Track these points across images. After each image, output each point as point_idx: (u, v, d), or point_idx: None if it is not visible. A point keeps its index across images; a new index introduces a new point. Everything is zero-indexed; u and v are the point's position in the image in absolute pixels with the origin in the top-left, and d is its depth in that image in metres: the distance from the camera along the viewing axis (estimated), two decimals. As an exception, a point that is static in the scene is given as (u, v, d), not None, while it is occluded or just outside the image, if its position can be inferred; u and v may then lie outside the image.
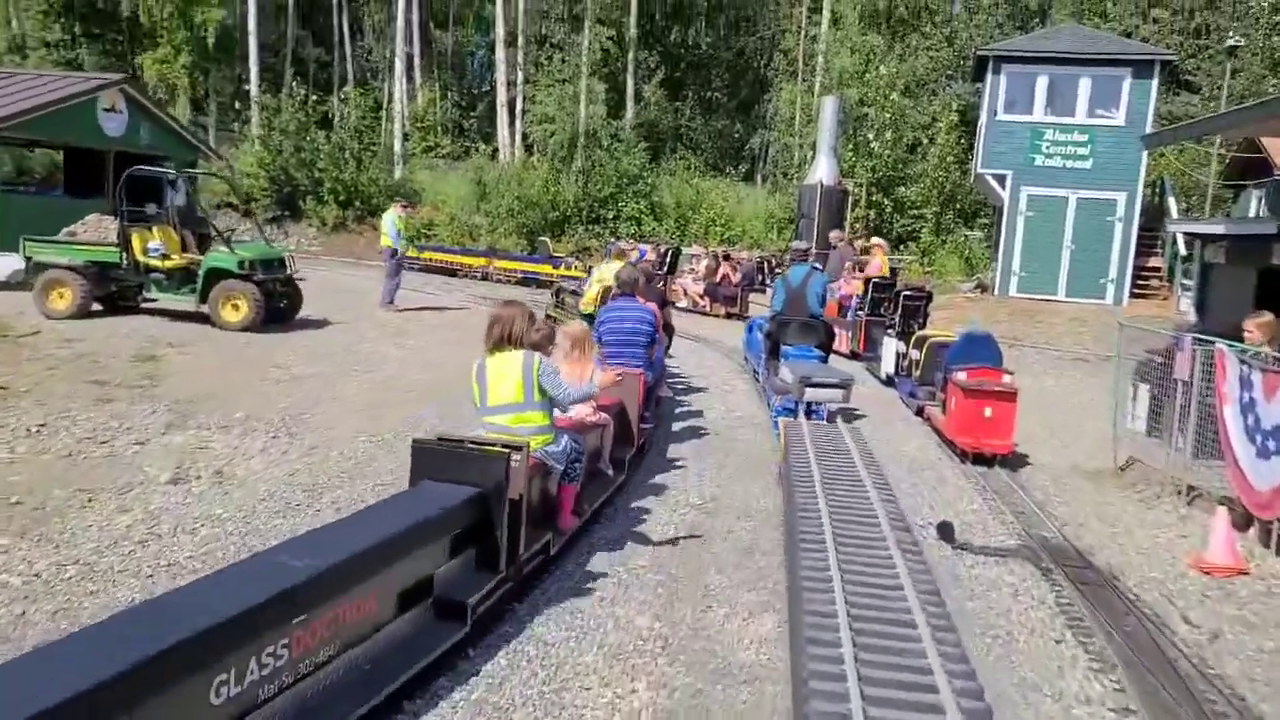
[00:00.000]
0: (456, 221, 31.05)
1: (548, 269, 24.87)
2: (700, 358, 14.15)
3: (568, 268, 24.45)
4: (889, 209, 28.41)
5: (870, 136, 27.94)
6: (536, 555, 5.01)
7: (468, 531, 4.46)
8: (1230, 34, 24.32)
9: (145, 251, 13.03)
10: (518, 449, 4.63)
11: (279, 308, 13.85)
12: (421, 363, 11.74)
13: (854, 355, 15.09)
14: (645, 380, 7.65)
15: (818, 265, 18.56)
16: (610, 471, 6.68)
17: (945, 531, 6.13)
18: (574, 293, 16.08)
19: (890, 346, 12.65)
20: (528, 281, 25.29)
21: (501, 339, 5.10)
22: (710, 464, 7.85)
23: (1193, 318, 13.14)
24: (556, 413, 5.38)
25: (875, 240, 18.50)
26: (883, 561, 4.17)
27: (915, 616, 3.52)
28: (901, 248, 28.15)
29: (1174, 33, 32.71)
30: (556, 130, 31.18)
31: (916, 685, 3.01)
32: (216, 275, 12.81)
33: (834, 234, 19.42)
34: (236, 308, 12.71)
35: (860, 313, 15.13)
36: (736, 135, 39.50)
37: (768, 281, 21.43)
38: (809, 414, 7.98)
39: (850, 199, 24.92)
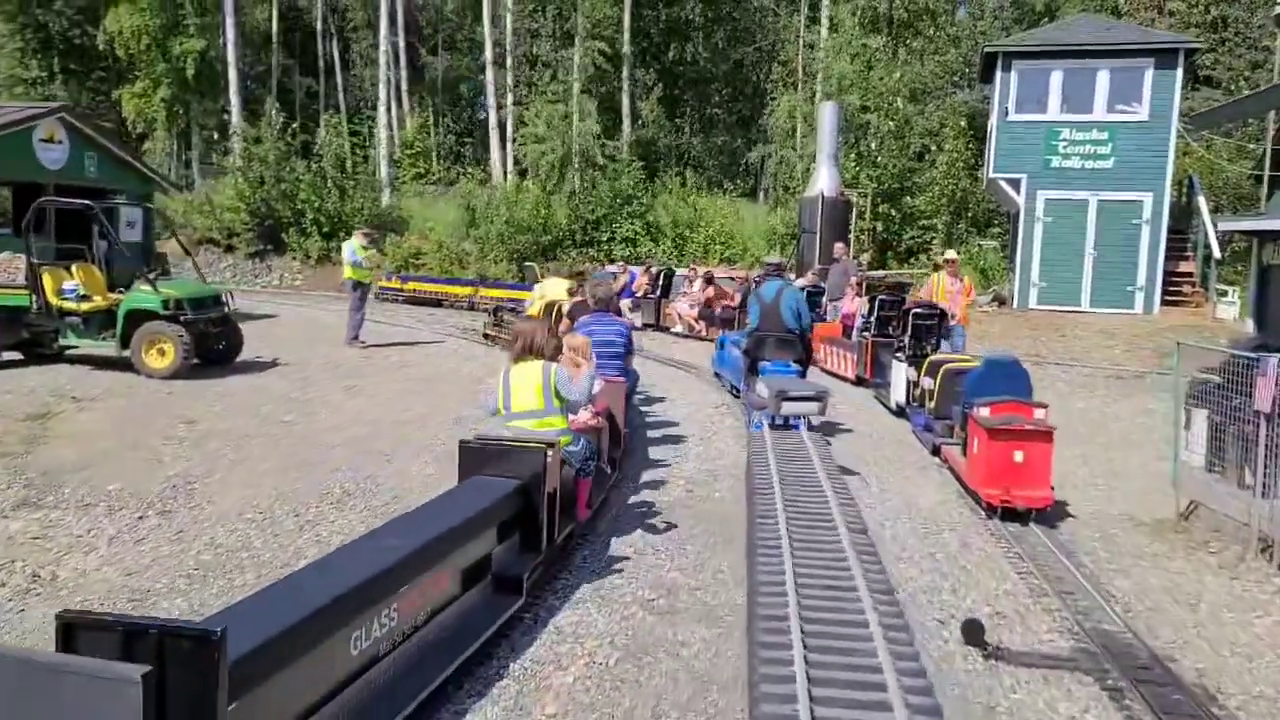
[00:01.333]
0: (445, 249, 29.74)
1: (529, 295, 23.46)
2: (684, 389, 12.64)
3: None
4: (896, 220, 26.90)
5: (874, 145, 26.48)
6: (564, 539, 5.68)
7: (513, 518, 5.06)
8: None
9: (59, 293, 11.65)
10: (550, 445, 5.30)
11: (217, 350, 12.47)
12: (365, 411, 10.29)
13: (860, 381, 13.58)
14: (625, 388, 8.22)
15: (814, 281, 16.96)
16: (608, 469, 7.17)
17: (973, 633, 4.60)
18: (513, 311, 16.46)
19: (900, 372, 11.13)
20: (516, 310, 23.88)
21: (525, 350, 5.73)
22: (673, 538, 6.33)
23: (1248, 328, 11.57)
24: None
25: (950, 254, 15.10)
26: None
27: None
28: (912, 260, 26.62)
29: (1189, 26, 31.17)
30: (546, 151, 29.87)
31: None
32: (139, 317, 11.41)
33: (838, 247, 17.93)
34: (162, 352, 11.31)
35: (865, 334, 13.62)
36: (736, 150, 38.11)
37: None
38: (787, 427, 7.84)
39: (854, 210, 23.44)
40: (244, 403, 10.34)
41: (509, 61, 35.21)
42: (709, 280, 20.22)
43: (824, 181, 21.17)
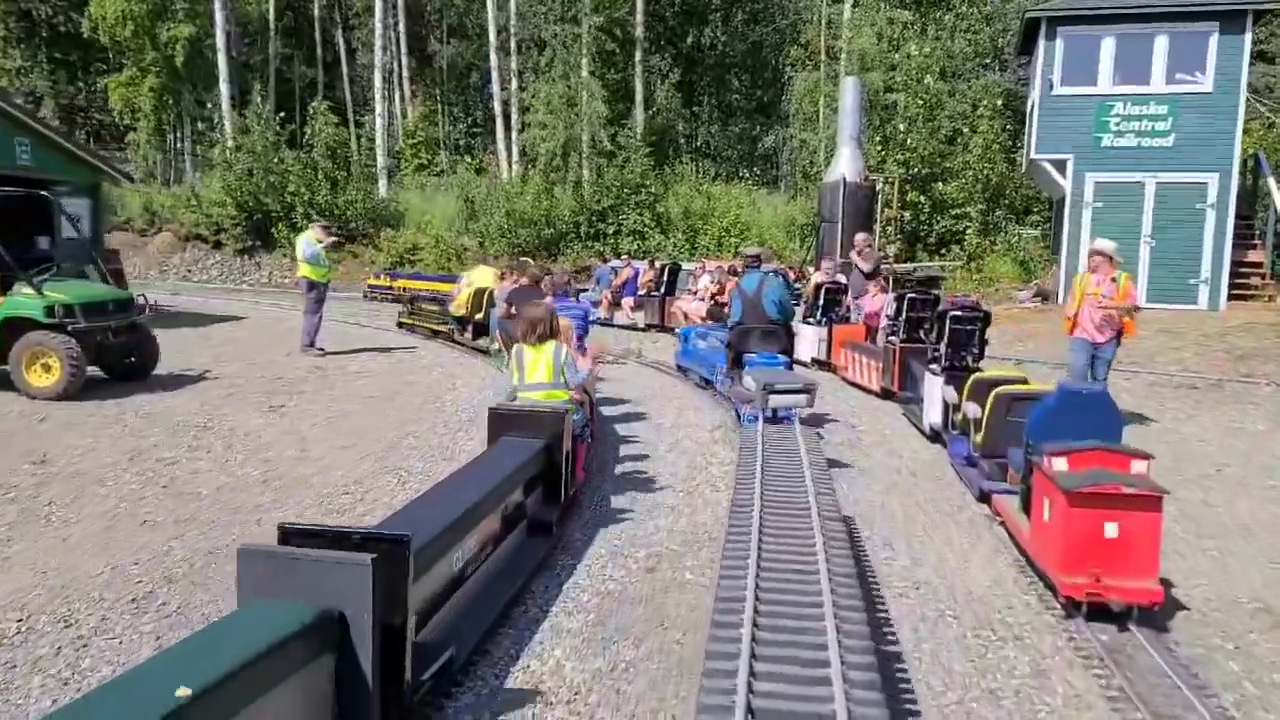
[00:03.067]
0: (443, 244, 27.93)
1: (532, 294, 21.54)
2: (678, 405, 10.63)
3: (554, 292, 21.12)
4: (926, 209, 24.74)
5: (901, 127, 24.31)
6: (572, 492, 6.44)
7: (539, 473, 5.89)
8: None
9: (-73, 299, 9.87)
10: (567, 410, 6.28)
11: (125, 364, 10.64)
12: (273, 444, 8.39)
13: (886, 394, 11.56)
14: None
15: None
16: (589, 440, 7.60)
17: None
18: (433, 300, 17.61)
19: (934, 388, 9.10)
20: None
21: (544, 334, 6.62)
22: (608, 668, 4.34)
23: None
24: None
25: (1101, 244, 9.67)
26: None
27: None
28: (944, 252, 24.45)
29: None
30: (548, 136, 27.93)
31: None
32: (19, 326, 9.60)
33: (859, 237, 15.85)
34: (47, 368, 9.49)
35: (893, 339, 11.58)
36: (755, 137, 35.95)
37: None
38: (777, 420, 7.64)
39: (879, 197, 21.30)
40: (129, 432, 8.49)
41: (513, 45, 33.31)
42: (734, 273, 18.20)
43: (846, 165, 19.12)
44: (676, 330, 15.17)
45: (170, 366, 12.04)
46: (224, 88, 31.66)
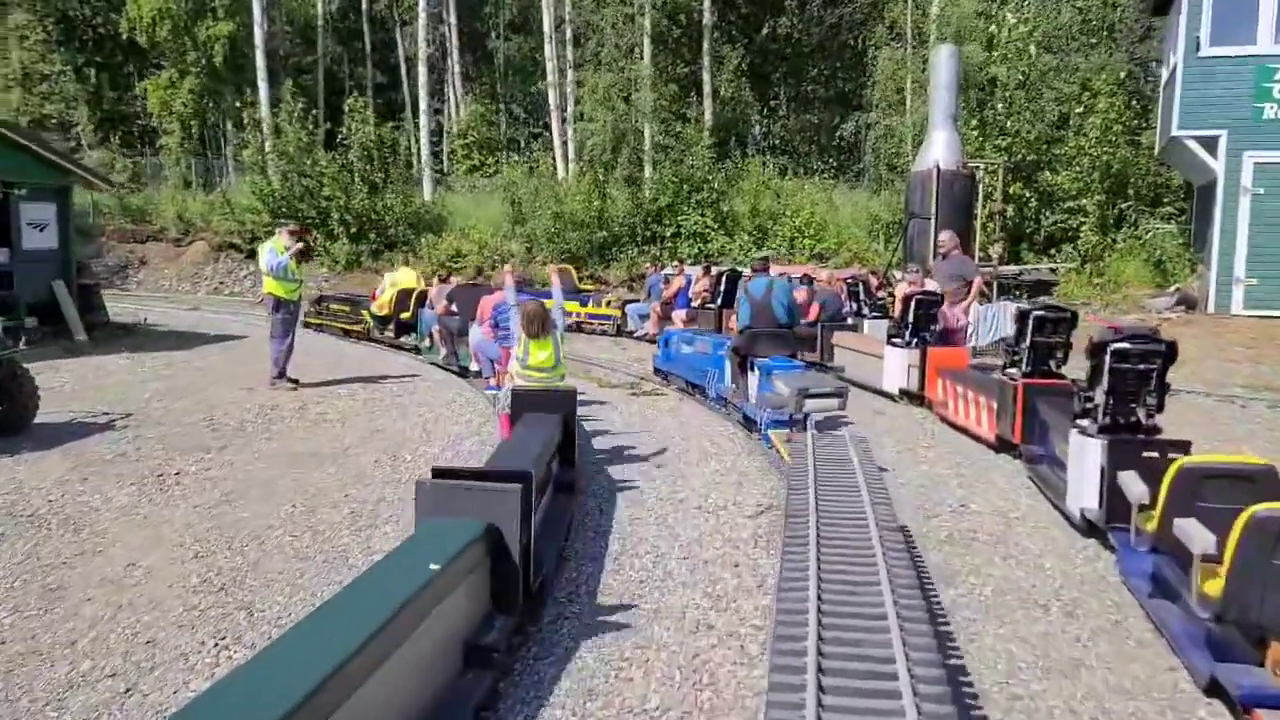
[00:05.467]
0: (487, 250, 25.45)
1: (574, 306, 18.87)
2: (715, 472, 7.74)
3: (597, 304, 18.42)
4: (1032, 202, 21.34)
5: (1000, 108, 20.94)
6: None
7: (561, 442, 6.66)
8: None
9: None
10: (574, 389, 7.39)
11: (-5, 412, 8.23)
12: (83, 559, 5.79)
13: (1001, 444, 8.55)
14: None
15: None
16: None
17: None
18: (347, 299, 17.85)
19: (1087, 455, 6.09)
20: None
21: (541, 330, 7.65)
22: None
23: None
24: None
25: None
26: None
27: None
28: (1054, 253, 21.01)
29: None
30: (598, 130, 25.22)
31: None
32: None
33: (944, 235, 12.74)
34: None
35: (1013, 371, 8.52)
36: (832, 127, 32.69)
37: (865, 310, 14.89)
38: (804, 425, 7.74)
39: (980, 188, 18.04)
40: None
41: (568, 34, 30.74)
42: (804, 282, 15.23)
43: (940, 151, 16.00)
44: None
45: (90, 406, 9.70)
46: (263, 87, 29.78)
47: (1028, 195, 21.15)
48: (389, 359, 14.42)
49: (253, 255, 28.06)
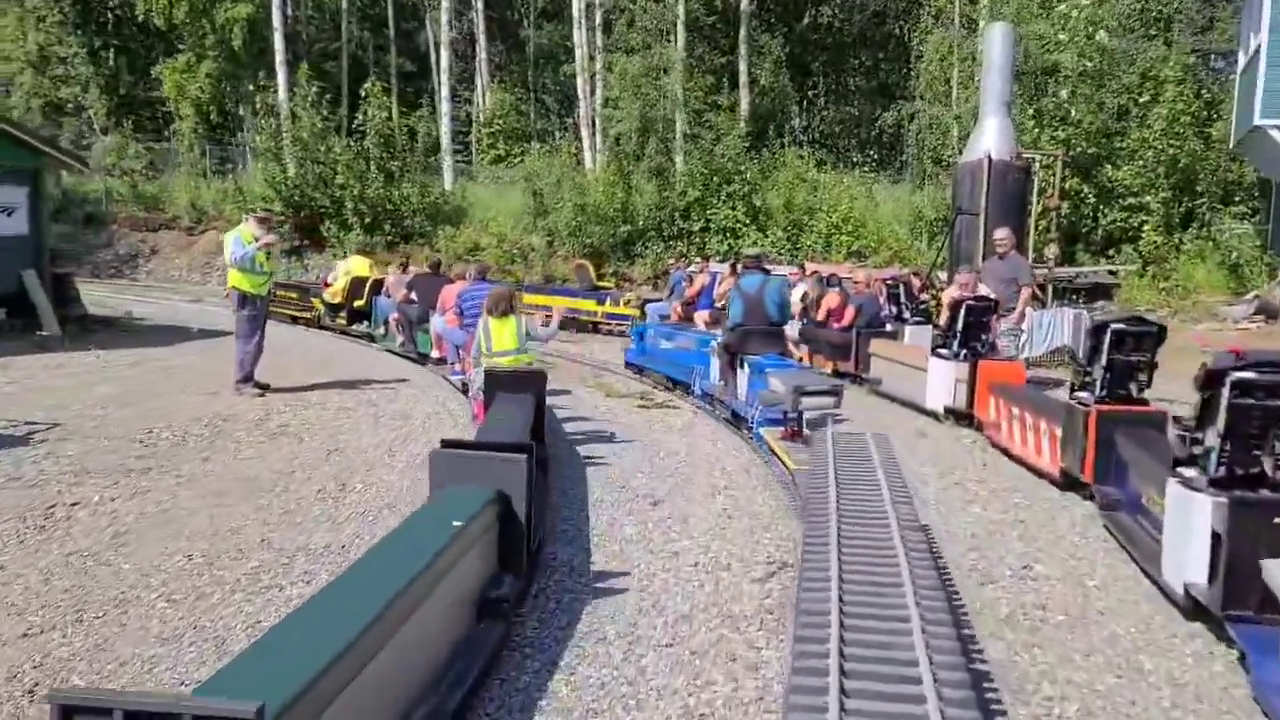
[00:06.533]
0: (506, 244, 24.23)
1: (590, 305, 17.59)
2: (718, 521, 6.40)
3: (615, 303, 17.11)
4: (1090, 199, 19.72)
5: (1064, 95, 19.31)
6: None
7: (533, 420, 6.77)
8: None
9: None
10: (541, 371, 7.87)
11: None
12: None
13: (1067, 481, 7.18)
14: None
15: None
16: None
17: None
18: (295, 286, 18.24)
19: (1198, 513, 4.69)
20: (566, 323, 18.05)
21: (507, 310, 7.92)
22: None
23: None
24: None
25: None
26: None
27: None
28: (1113, 254, 19.38)
29: None
30: (626, 116, 23.87)
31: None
32: None
33: (1001, 232, 11.26)
34: None
35: (1084, 395, 7.09)
36: (873, 119, 31.10)
37: (906, 314, 13.47)
38: (799, 423, 7.68)
39: (1034, 180, 16.46)
40: None
41: (598, 18, 29.42)
42: (832, 283, 13.83)
43: (991, 138, 14.49)
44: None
45: (22, 412, 8.59)
46: (281, 72, 28.78)
47: (1085, 191, 19.53)
48: (381, 362, 13.22)
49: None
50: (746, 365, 9.07)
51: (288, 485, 6.75)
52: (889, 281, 14.13)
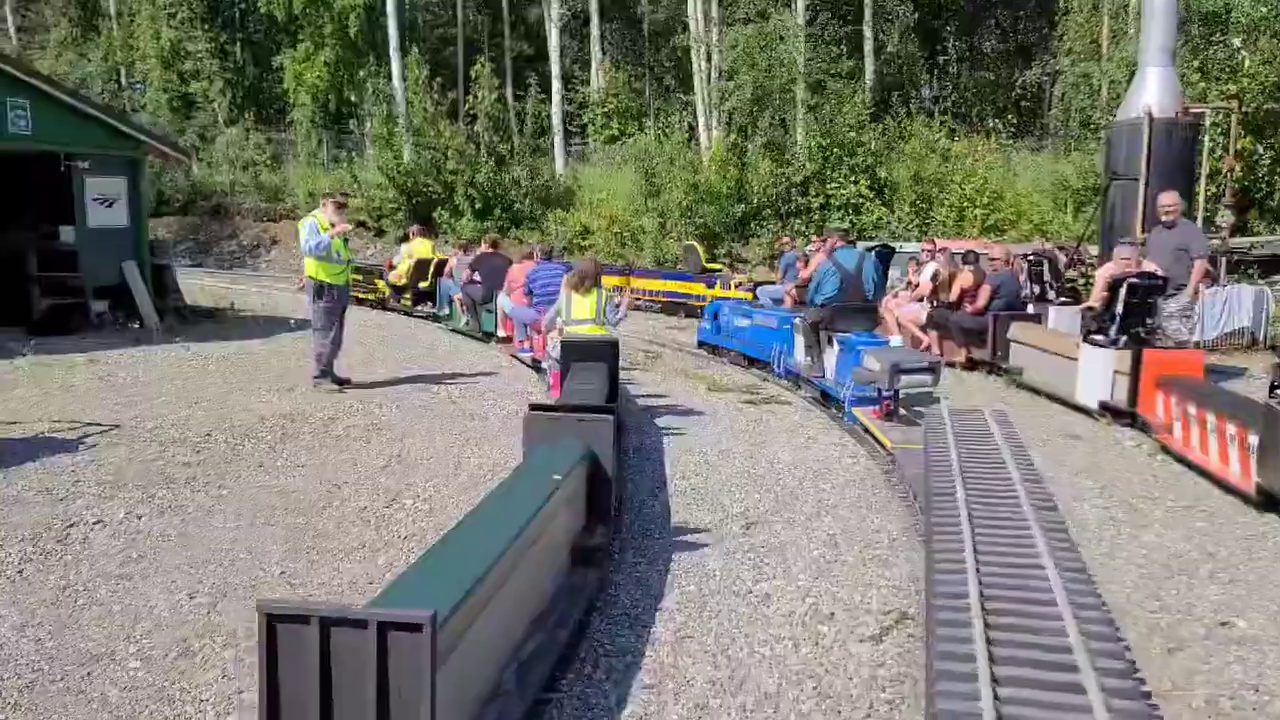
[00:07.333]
0: (617, 227, 23.35)
1: (699, 289, 16.53)
2: (824, 568, 5.31)
3: (725, 287, 15.99)
4: (1265, 161, 17.45)
5: (1236, 43, 17.09)
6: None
7: (606, 387, 7.00)
8: None
9: None
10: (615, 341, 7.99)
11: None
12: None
13: (1268, 500, 5.83)
14: None
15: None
16: None
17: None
18: (360, 269, 17.39)
19: None
20: (674, 308, 17.08)
21: (594, 283, 8.22)
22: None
23: None
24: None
25: None
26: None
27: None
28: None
29: None
30: (740, 88, 22.59)
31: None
32: None
33: (1167, 197, 9.64)
34: None
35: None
36: (1010, 83, 28.89)
37: (1051, 292, 11.94)
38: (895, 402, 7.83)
39: (1204, 138, 14.48)
40: None
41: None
42: (968, 260, 12.37)
43: (1153, 92, 12.65)
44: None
45: (85, 412, 8.15)
46: (394, 58, 28.58)
47: (1260, 153, 17.29)
48: (473, 353, 12.49)
49: (380, 234, 27.10)
50: (837, 343, 8.85)
51: (332, 500, 5.99)
52: (1031, 258, 12.58)
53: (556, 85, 28.64)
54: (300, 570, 4.80)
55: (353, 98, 30.67)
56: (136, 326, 13.05)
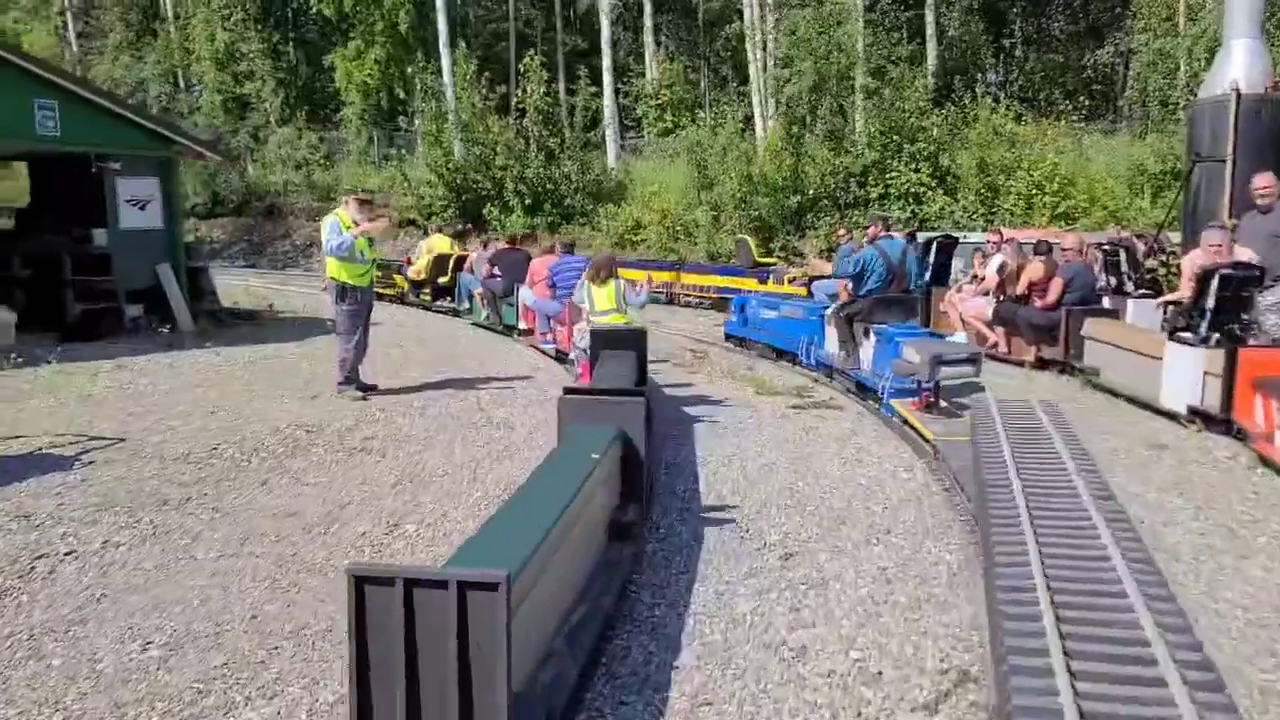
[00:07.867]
0: (669, 220, 22.70)
1: (750, 284, 15.82)
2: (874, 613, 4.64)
3: (778, 282, 15.26)
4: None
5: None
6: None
7: (635, 375, 6.87)
8: None
9: None
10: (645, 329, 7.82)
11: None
12: None
13: None
14: None
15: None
16: None
17: None
18: (378, 264, 14.60)
19: None
20: (725, 304, 16.38)
21: (609, 274, 8.43)
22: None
23: None
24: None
25: None
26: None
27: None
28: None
29: None
30: (797, 75, 21.77)
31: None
32: None
33: (1263, 179, 8.72)
34: None
35: None
36: (1080, 65, 27.56)
37: (1129, 284, 11.05)
38: (935, 392, 7.71)
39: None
40: None
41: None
42: (1039, 250, 11.44)
43: (1240, 66, 11.64)
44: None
45: (93, 424, 7.78)
46: (444, 54, 28.28)
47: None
48: (510, 355, 11.99)
49: (425, 235, 26.77)
50: (873, 334, 8.70)
51: (331, 525, 5.47)
52: (1106, 247, 11.65)
53: (608, 79, 28.08)
54: (274, 614, 4.26)
55: (403, 94, 30.44)
56: (169, 331, 12.78)
